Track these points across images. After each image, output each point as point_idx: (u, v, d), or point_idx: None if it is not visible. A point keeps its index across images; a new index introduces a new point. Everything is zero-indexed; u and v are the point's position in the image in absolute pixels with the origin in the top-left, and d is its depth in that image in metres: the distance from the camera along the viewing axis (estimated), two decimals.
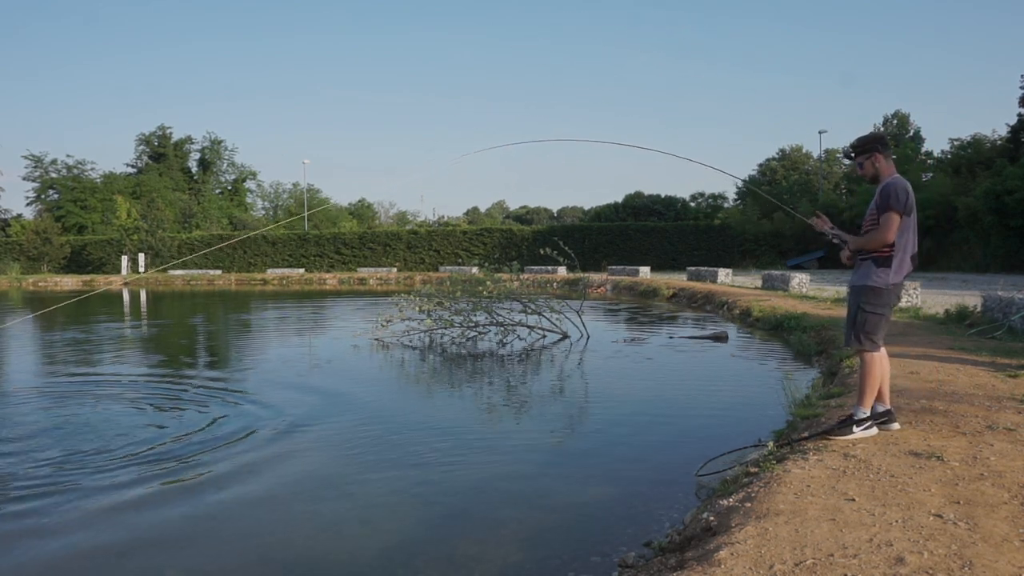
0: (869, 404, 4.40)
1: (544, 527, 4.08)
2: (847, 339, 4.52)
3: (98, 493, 4.60)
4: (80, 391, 8.12)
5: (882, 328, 4.35)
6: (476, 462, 5.24)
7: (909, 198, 4.23)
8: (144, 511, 4.35)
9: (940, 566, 2.62)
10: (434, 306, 12.56)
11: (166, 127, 62.24)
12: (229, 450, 5.57)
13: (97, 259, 45.99)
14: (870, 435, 4.38)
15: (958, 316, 10.23)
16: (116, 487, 4.72)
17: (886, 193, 4.24)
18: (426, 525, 4.14)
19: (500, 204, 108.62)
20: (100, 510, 4.34)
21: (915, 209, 4.32)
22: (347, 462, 5.29)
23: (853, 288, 4.46)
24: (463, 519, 4.24)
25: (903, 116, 47.97)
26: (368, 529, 4.10)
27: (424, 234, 44.93)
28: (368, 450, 5.58)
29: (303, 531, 4.05)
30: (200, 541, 3.96)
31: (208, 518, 4.24)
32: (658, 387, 8.18)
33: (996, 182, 25.56)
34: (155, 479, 4.88)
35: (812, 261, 35.11)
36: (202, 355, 12.13)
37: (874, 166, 4.35)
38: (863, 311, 4.34)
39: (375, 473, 5.06)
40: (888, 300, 4.33)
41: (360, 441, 5.85)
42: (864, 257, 4.39)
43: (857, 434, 4.35)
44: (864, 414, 4.39)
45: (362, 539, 3.98)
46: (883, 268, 4.29)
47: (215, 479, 4.89)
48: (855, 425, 4.37)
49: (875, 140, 4.39)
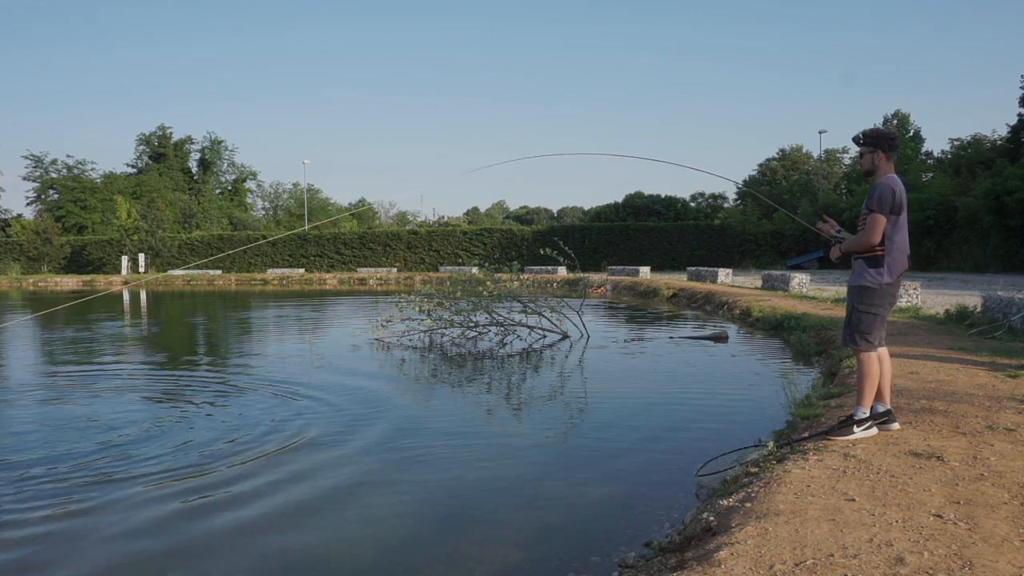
0: (868, 404, 4.41)
1: (544, 527, 4.08)
2: (844, 339, 4.54)
3: (91, 491, 4.61)
4: (78, 388, 8.12)
5: (877, 327, 4.35)
6: (476, 462, 5.24)
7: (896, 197, 4.23)
8: (142, 508, 4.35)
9: (940, 566, 2.62)
10: (434, 306, 12.57)
11: (166, 127, 62.33)
12: (228, 450, 5.57)
13: (97, 259, 45.99)
14: (870, 435, 4.38)
15: (958, 316, 10.23)
16: (112, 487, 4.73)
17: (874, 193, 4.27)
18: (426, 525, 4.14)
19: (500, 204, 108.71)
20: (88, 511, 4.35)
21: (905, 207, 4.32)
22: (347, 462, 5.29)
23: (850, 288, 4.51)
24: (463, 519, 4.24)
25: (903, 116, 47.93)
26: (368, 529, 4.10)
27: (424, 234, 44.93)
28: (368, 450, 5.58)
29: (302, 531, 4.05)
30: (199, 540, 3.95)
31: (207, 517, 4.24)
32: (658, 387, 8.18)
33: (996, 182, 25.56)
34: (154, 477, 4.88)
35: (812, 261, 35.11)
36: (203, 355, 12.12)
37: (873, 162, 4.36)
38: (857, 311, 4.37)
39: (375, 473, 5.06)
40: (882, 300, 4.33)
41: (360, 441, 5.85)
42: (857, 257, 4.42)
43: (857, 434, 4.35)
44: (864, 414, 4.39)
45: (362, 539, 3.98)
46: (876, 268, 4.32)
47: (212, 479, 4.88)
48: (855, 425, 4.38)
49: (885, 138, 4.40)
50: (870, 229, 4.26)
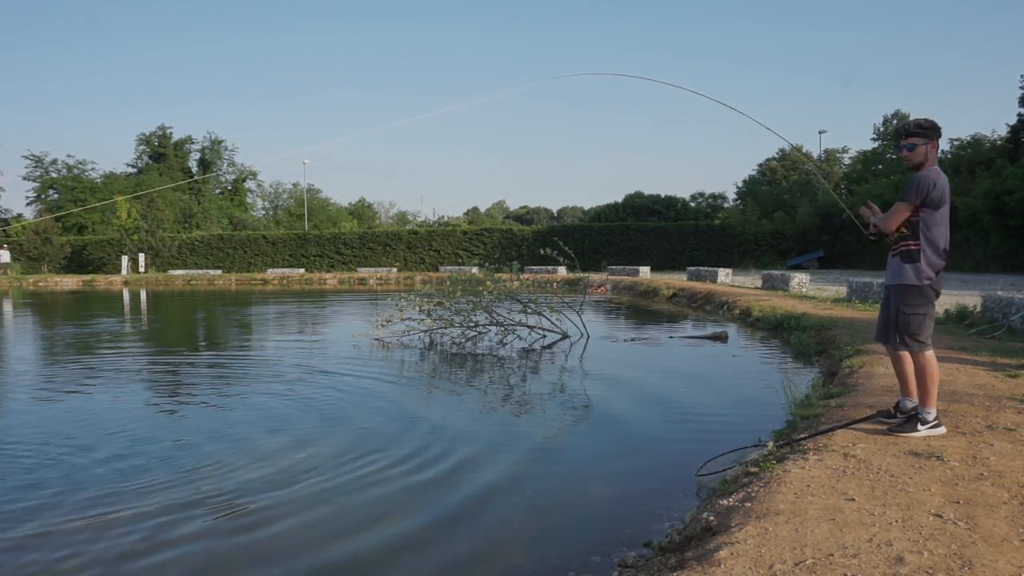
0: (934, 403, 4.35)
1: (544, 527, 4.08)
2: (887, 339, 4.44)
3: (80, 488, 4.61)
4: (75, 383, 8.13)
5: (927, 327, 4.30)
6: (476, 462, 5.24)
7: (935, 190, 4.14)
8: (139, 507, 4.35)
9: (940, 566, 2.62)
10: (434, 306, 12.57)
11: (166, 127, 62.40)
12: (226, 451, 5.57)
13: (97, 259, 45.98)
14: (939, 433, 4.35)
15: (958, 316, 10.23)
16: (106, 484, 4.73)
17: (912, 184, 4.20)
18: (426, 525, 4.13)
19: (500, 204, 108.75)
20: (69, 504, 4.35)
21: (947, 201, 4.24)
22: (347, 462, 5.28)
23: (889, 288, 4.43)
24: (463, 519, 4.23)
25: (903, 116, 47.93)
26: (368, 529, 4.10)
27: (424, 234, 44.92)
28: (367, 450, 5.58)
29: (302, 530, 4.05)
30: (196, 540, 3.95)
31: (205, 517, 4.23)
32: (658, 387, 8.18)
33: (996, 182, 25.57)
34: (155, 469, 4.89)
35: (812, 261, 35.12)
36: (203, 355, 12.11)
37: (927, 153, 4.28)
38: (903, 313, 4.30)
39: (374, 473, 5.06)
40: (927, 298, 4.29)
41: (359, 441, 5.85)
42: (894, 253, 4.38)
43: (922, 432, 4.31)
44: (931, 415, 4.35)
45: (362, 539, 3.97)
46: (912, 264, 4.27)
47: (208, 478, 4.89)
48: (920, 423, 4.34)
49: (938, 128, 4.33)
50: (890, 214, 4.25)
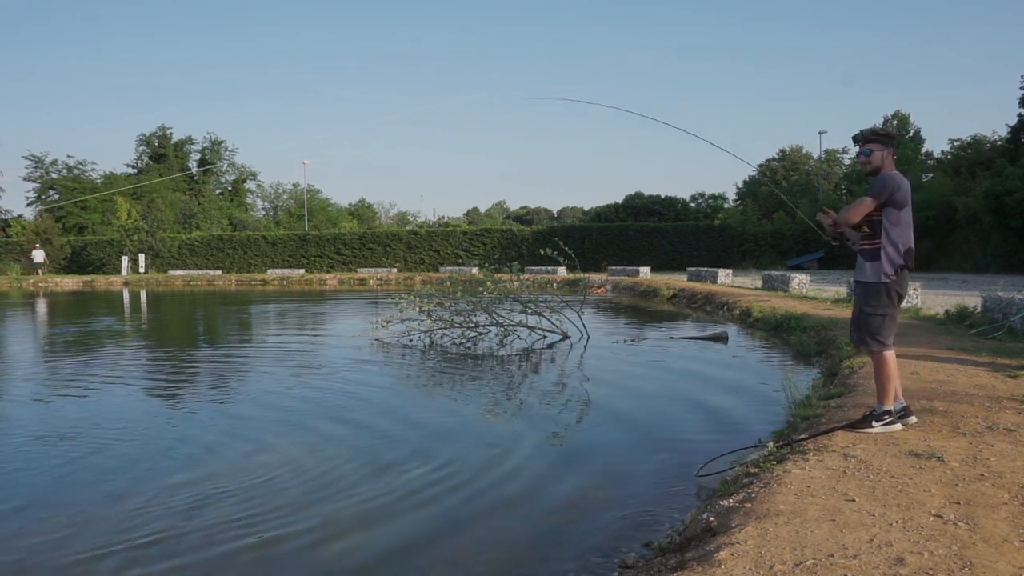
0: (891, 401, 4.44)
1: (544, 527, 4.08)
2: (854, 339, 4.55)
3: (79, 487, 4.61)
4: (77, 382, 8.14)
5: (887, 327, 4.35)
6: (476, 462, 5.24)
7: (898, 191, 4.25)
8: (139, 507, 4.35)
9: (940, 566, 2.62)
10: (434, 306, 12.56)
11: (166, 127, 62.25)
12: (224, 451, 5.57)
13: (97, 259, 45.95)
14: (893, 430, 4.43)
15: (958, 316, 10.23)
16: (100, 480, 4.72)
17: (876, 184, 4.31)
18: (426, 525, 4.13)
19: (500, 204, 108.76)
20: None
21: (909, 204, 4.34)
22: (346, 462, 5.29)
23: (855, 284, 4.56)
24: (463, 519, 4.23)
25: (903, 116, 47.89)
26: (368, 529, 4.09)
27: (424, 234, 44.88)
28: (367, 451, 5.58)
29: (302, 531, 4.04)
30: (195, 538, 3.95)
31: (203, 516, 4.23)
32: (658, 387, 8.18)
33: (996, 182, 25.56)
34: (155, 469, 4.89)
35: (812, 261, 35.12)
36: (204, 354, 12.11)
37: (883, 159, 4.39)
38: (865, 312, 4.39)
39: (374, 473, 5.05)
40: (888, 298, 4.33)
41: (359, 442, 5.85)
42: (858, 250, 4.47)
43: (876, 429, 4.40)
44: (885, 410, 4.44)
45: (362, 539, 3.97)
46: (872, 262, 4.33)
47: (206, 478, 4.89)
48: (874, 420, 4.44)
49: (892, 135, 4.46)
50: (854, 205, 4.34)
